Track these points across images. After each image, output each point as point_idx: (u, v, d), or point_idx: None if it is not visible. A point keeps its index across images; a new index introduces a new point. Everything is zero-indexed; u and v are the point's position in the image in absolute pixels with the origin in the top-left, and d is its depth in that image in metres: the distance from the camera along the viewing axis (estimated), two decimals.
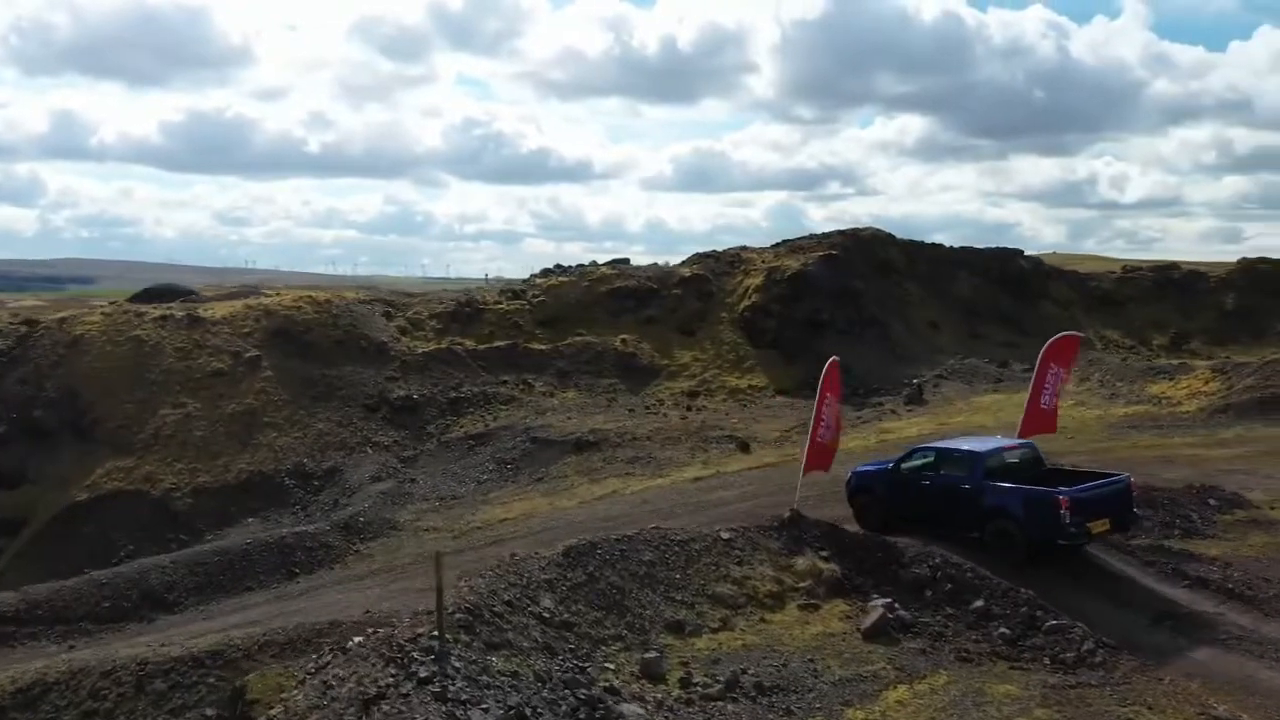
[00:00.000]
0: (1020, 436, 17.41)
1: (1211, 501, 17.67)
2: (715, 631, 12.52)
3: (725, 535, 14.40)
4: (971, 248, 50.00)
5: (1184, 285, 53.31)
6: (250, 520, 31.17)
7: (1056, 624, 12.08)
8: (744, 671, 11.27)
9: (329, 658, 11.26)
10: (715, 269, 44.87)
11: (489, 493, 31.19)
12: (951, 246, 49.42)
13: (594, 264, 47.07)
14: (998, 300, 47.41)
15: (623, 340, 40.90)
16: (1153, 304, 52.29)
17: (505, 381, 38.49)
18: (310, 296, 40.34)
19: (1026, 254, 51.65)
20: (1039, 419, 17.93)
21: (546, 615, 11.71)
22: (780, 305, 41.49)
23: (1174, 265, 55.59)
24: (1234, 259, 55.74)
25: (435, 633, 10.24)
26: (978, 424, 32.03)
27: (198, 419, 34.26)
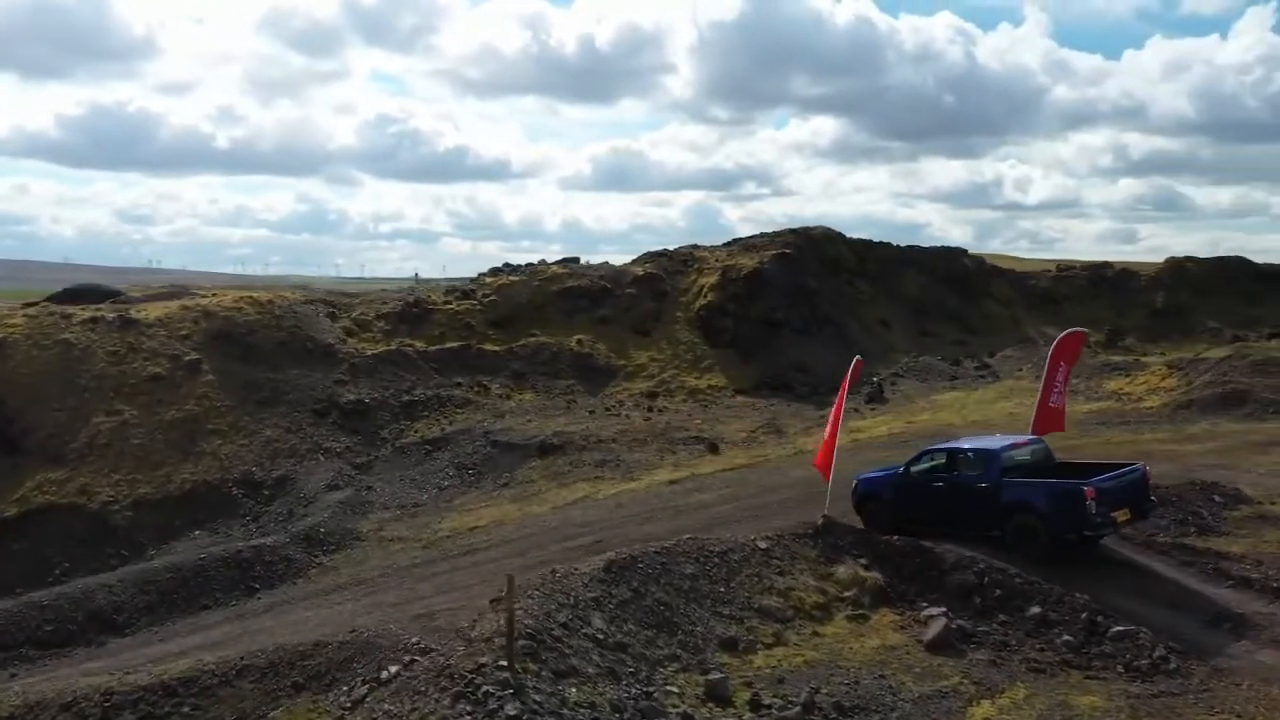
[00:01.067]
0: (1032, 434, 17.33)
1: (1216, 498, 17.73)
2: (769, 647, 11.90)
3: (762, 544, 13.80)
4: (918, 246, 50.52)
5: (1116, 284, 54.71)
6: (197, 533, 29.43)
7: (1123, 630, 11.77)
8: (817, 691, 10.67)
9: (364, 690, 10.31)
10: (668, 268, 44.32)
11: (452, 499, 30.08)
12: (898, 245, 49.78)
13: (543, 262, 46.07)
14: (944, 299, 47.90)
15: (578, 341, 40.06)
16: (1088, 302, 53.49)
17: (459, 384, 37.30)
18: (251, 297, 38.52)
19: (969, 253, 52.30)
20: (1049, 417, 17.82)
21: (600, 637, 10.95)
22: (736, 304, 41.14)
23: (1106, 264, 57.03)
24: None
25: (503, 662, 9.37)
26: (945, 422, 32.10)
27: (135, 427, 32.28)
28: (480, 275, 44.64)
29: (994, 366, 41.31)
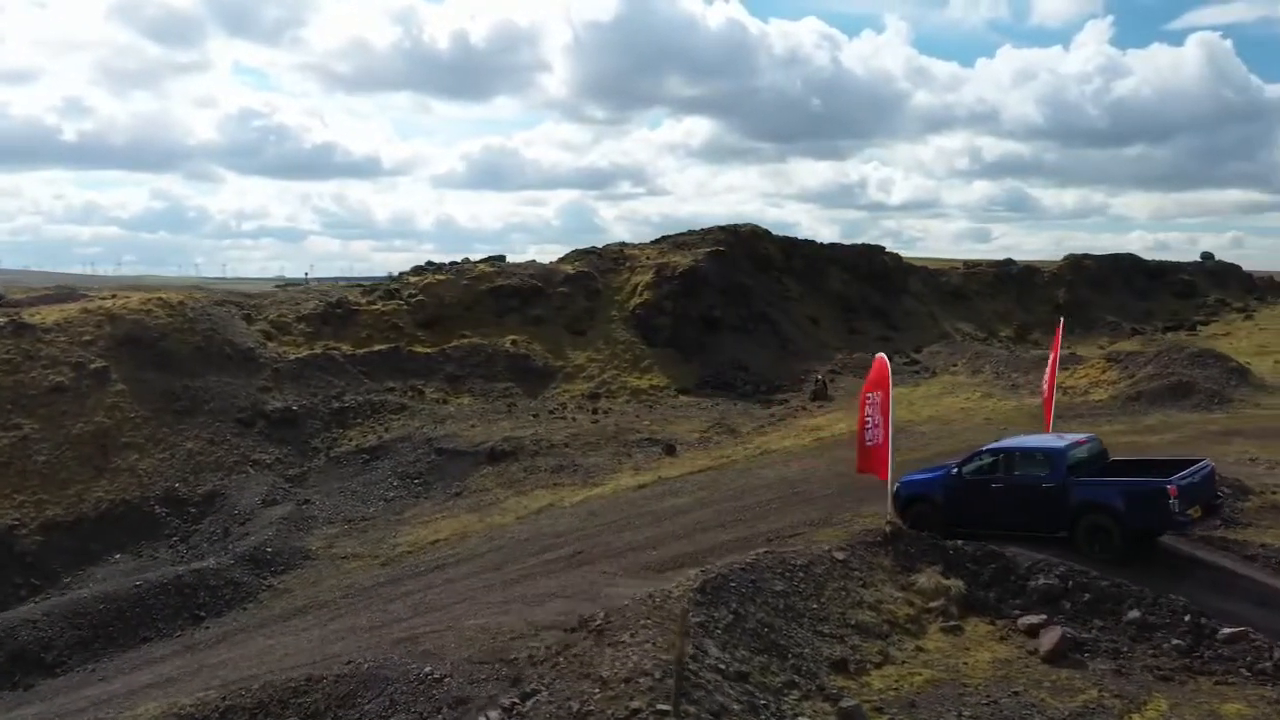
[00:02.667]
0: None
1: (1224, 489, 17.84)
2: (879, 666, 11.14)
3: (839, 555, 13.03)
4: (839, 244, 50.88)
5: (1021, 280, 56.52)
6: (118, 557, 26.87)
7: (1233, 632, 11.46)
8: (959, 715, 9.95)
9: None
10: (600, 266, 43.26)
11: (403, 511, 28.35)
12: (821, 243, 50.05)
13: (466, 261, 44.34)
14: (867, 296, 48.36)
15: (513, 341, 38.63)
16: (996, 298, 55.09)
17: (391, 388, 35.40)
18: (160, 298, 35.63)
19: (887, 250, 52.97)
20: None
21: (721, 667, 9.96)
22: (673, 303, 40.44)
23: (1010, 261, 58.83)
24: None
25: (664, 706, 8.30)
26: (901, 419, 31.72)
27: (38, 442, 29.31)
28: (403, 274, 42.61)
29: (924, 362, 41.80)
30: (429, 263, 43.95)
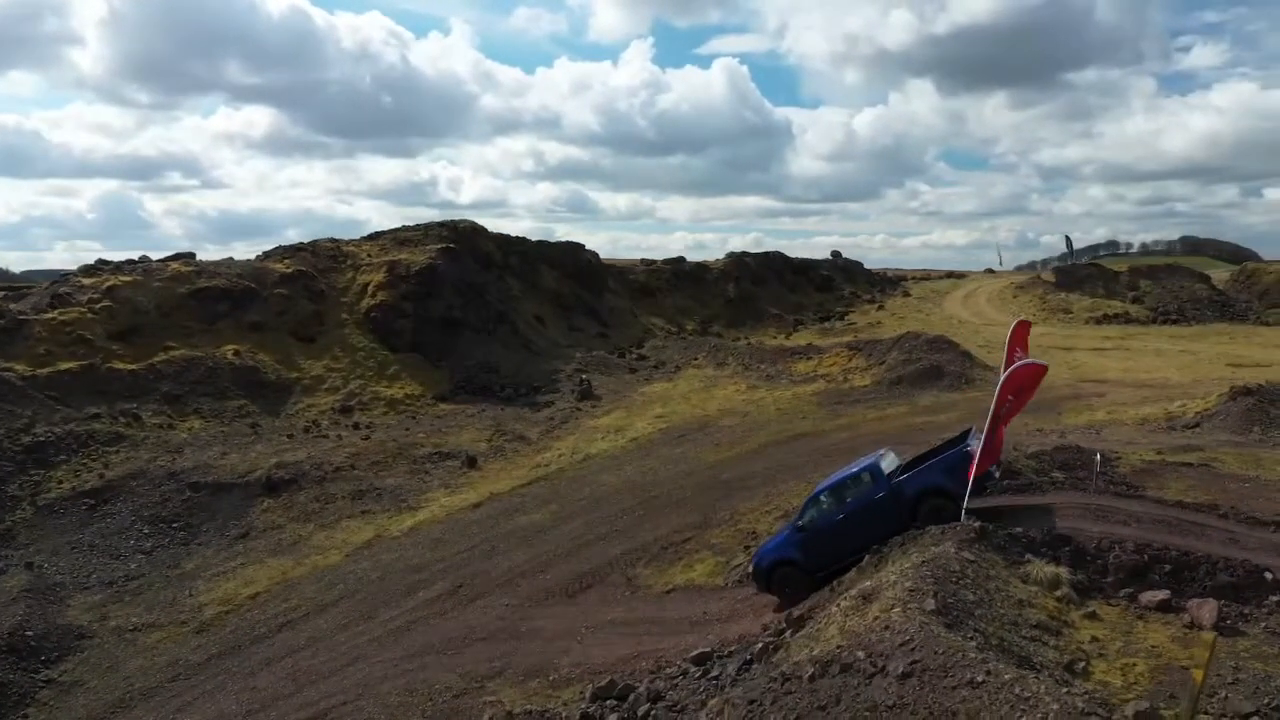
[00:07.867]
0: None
1: (1098, 458, 19.89)
2: (1086, 663, 10.94)
3: (969, 556, 12.61)
4: (546, 241, 50.07)
5: (695, 277, 59.55)
6: None
7: None
8: (1227, 698, 10.04)
9: None
10: (317, 265, 38.61)
11: (179, 564, 23.23)
12: (533, 240, 49.00)
13: (145, 258, 37.33)
14: (578, 294, 48.18)
15: (235, 352, 33.24)
16: (676, 293, 57.49)
17: (96, 415, 28.89)
18: None
19: (587, 248, 53.07)
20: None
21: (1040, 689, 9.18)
22: (412, 303, 37.24)
23: (681, 259, 61.78)
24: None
25: None
26: (694, 415, 32.05)
27: None
28: (72, 275, 34.84)
29: (653, 357, 42.47)
30: (101, 261, 36.30)
